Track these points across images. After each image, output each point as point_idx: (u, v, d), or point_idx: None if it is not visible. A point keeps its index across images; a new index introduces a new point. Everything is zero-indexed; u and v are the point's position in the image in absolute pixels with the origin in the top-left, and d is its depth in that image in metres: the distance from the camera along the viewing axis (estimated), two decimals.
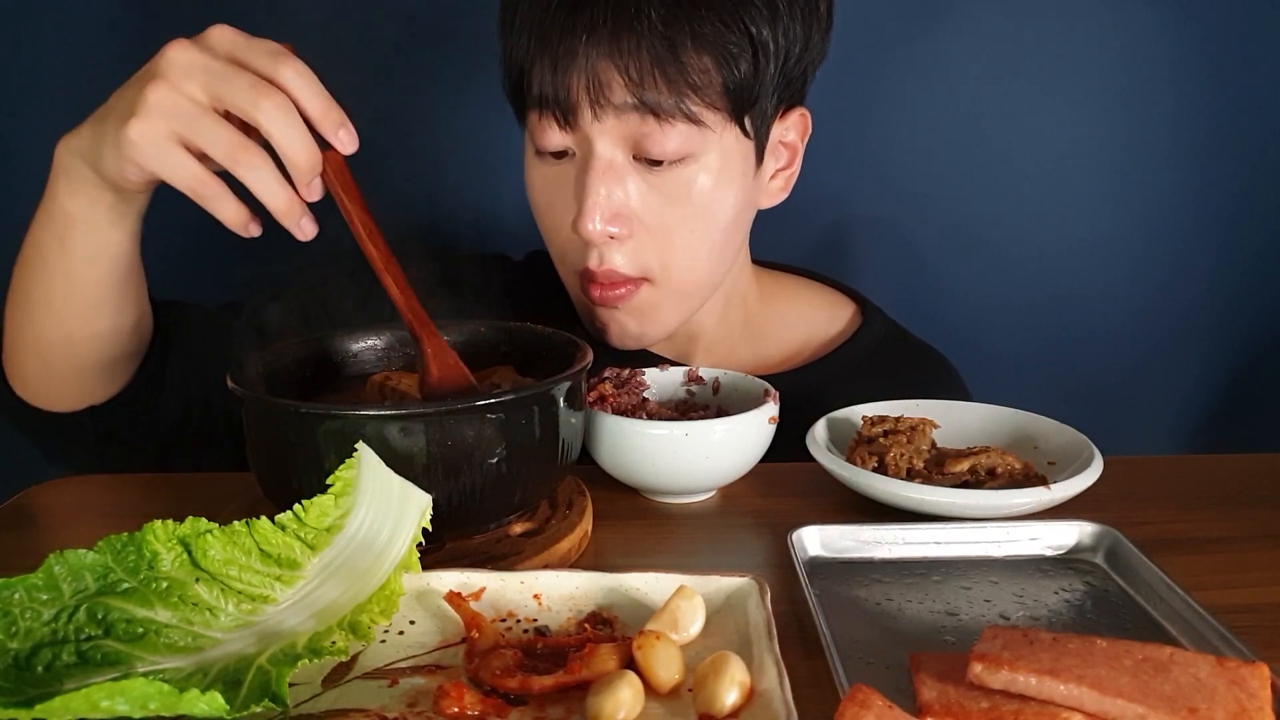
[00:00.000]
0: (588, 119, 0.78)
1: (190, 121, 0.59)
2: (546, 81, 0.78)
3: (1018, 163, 1.25)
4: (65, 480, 0.79)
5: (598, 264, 0.82)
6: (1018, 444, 0.74)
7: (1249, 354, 1.31)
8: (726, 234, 0.85)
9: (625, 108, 0.76)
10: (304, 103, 0.60)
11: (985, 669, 0.43)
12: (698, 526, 0.69)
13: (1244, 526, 0.67)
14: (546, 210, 0.86)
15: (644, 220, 0.81)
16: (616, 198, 0.79)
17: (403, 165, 1.25)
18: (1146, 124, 1.23)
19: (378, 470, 0.53)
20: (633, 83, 0.75)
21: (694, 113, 0.77)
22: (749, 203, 0.87)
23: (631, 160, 0.80)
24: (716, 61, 0.76)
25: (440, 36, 1.20)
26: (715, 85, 0.77)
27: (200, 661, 0.45)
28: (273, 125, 0.58)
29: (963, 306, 1.29)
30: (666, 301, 0.86)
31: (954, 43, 1.20)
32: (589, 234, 0.80)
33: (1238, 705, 0.41)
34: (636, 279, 0.84)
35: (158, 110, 0.59)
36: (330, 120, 0.61)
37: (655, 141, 0.77)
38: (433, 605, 0.53)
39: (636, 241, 0.82)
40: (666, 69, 0.75)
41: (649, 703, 0.45)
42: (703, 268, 0.85)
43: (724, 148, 0.81)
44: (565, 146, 0.81)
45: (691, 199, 0.81)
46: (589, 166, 0.79)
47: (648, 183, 0.80)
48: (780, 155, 0.89)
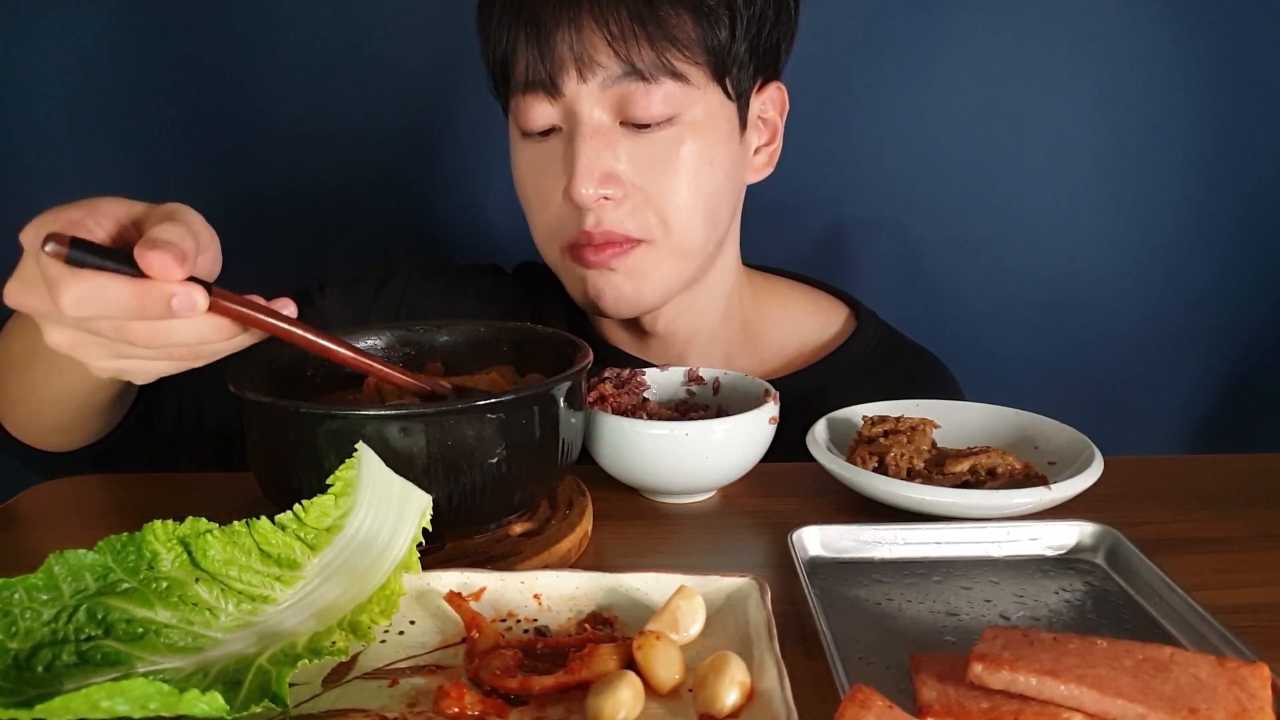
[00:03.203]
0: (573, 84, 0.79)
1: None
2: (532, 56, 0.80)
3: (1018, 163, 1.25)
4: (65, 480, 0.79)
5: (594, 224, 0.83)
6: (1018, 444, 0.74)
7: (1249, 354, 1.31)
8: (718, 195, 0.86)
9: (610, 70, 0.78)
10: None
11: (985, 669, 0.43)
12: (698, 526, 0.69)
13: (1244, 526, 0.67)
14: (535, 189, 0.87)
15: (635, 182, 0.82)
16: (606, 160, 0.81)
17: (402, 176, 1.26)
18: (1147, 124, 1.23)
19: (378, 470, 0.53)
20: (615, 40, 0.77)
21: (677, 68, 0.79)
22: (736, 169, 0.88)
23: (618, 125, 0.81)
24: (695, 18, 0.79)
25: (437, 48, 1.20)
26: (696, 41, 0.79)
27: (200, 661, 0.45)
28: (146, 363, 0.56)
29: (963, 306, 1.29)
30: (662, 262, 0.86)
31: (954, 43, 1.20)
32: (582, 198, 0.80)
33: (1238, 705, 0.41)
34: (634, 239, 0.84)
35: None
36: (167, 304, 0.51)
37: (640, 103, 0.79)
38: (433, 605, 0.53)
39: (631, 203, 0.83)
40: (646, 25, 0.77)
41: (649, 703, 0.45)
42: (697, 228, 0.86)
43: (708, 108, 0.82)
44: (552, 123, 0.82)
45: (681, 157, 0.82)
46: (577, 133, 0.80)
47: (636, 145, 0.82)
48: (761, 131, 0.91)
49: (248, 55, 1.20)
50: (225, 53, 1.20)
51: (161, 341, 0.53)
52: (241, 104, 1.22)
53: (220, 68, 1.20)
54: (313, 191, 1.25)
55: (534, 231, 0.90)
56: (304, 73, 1.21)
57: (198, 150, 1.23)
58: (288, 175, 1.25)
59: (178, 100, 1.20)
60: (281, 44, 1.20)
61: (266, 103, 1.22)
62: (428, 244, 1.28)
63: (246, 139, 1.24)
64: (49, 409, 0.75)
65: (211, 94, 1.21)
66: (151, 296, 0.50)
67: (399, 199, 1.27)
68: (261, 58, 1.20)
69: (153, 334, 0.52)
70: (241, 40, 1.19)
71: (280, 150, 1.24)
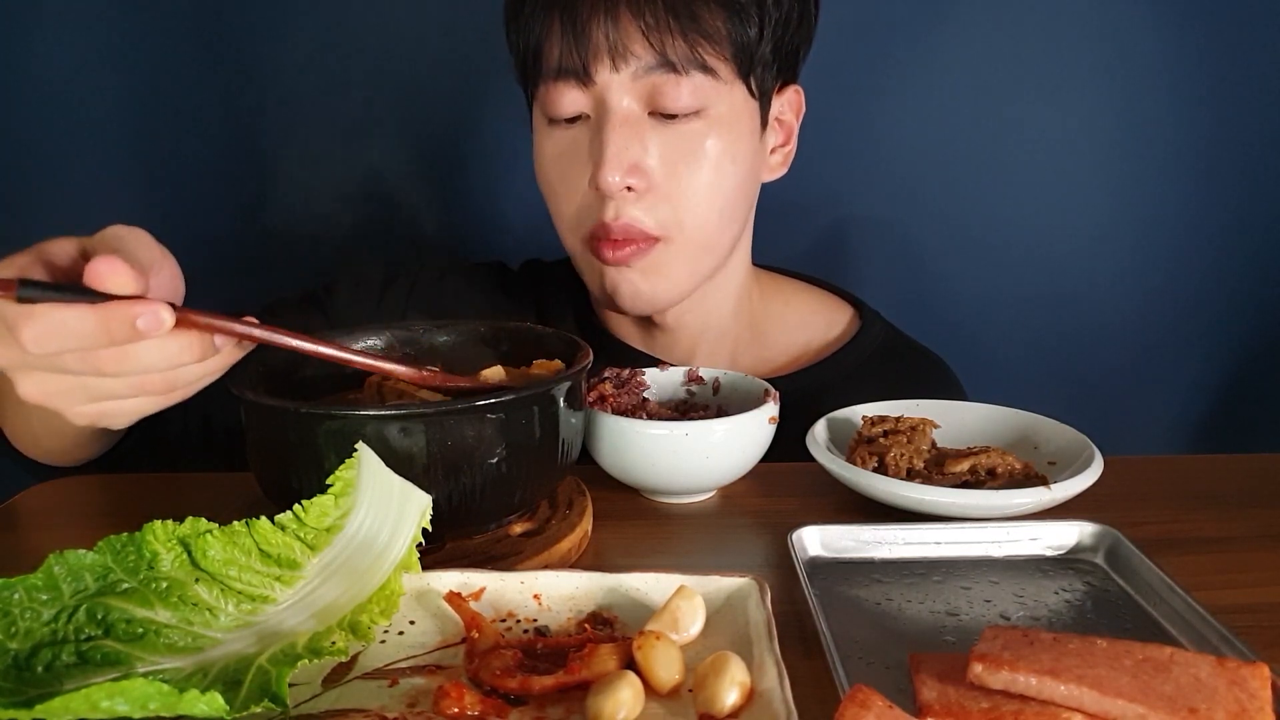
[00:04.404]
0: (605, 72, 0.80)
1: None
2: (567, 44, 0.81)
3: (1018, 163, 1.25)
4: (65, 480, 0.79)
5: (614, 217, 0.83)
6: (1018, 444, 0.74)
7: (1249, 354, 1.31)
8: (736, 193, 0.87)
9: (643, 61, 0.79)
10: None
11: (985, 669, 0.43)
12: (698, 526, 0.69)
13: (1244, 526, 0.67)
14: (559, 178, 0.87)
15: (659, 174, 0.83)
16: (634, 150, 0.81)
17: (420, 177, 1.26)
18: (1146, 124, 1.23)
19: (378, 470, 0.53)
20: (650, 31, 0.78)
21: (707, 62, 0.80)
22: (755, 167, 0.89)
23: (647, 115, 0.82)
24: (726, 15, 0.80)
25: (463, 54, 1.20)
26: (725, 38, 0.81)
27: (200, 661, 0.45)
28: (121, 403, 0.54)
29: (963, 306, 1.29)
30: (678, 259, 0.87)
31: (954, 43, 1.20)
32: (608, 185, 0.81)
33: (1238, 705, 0.41)
34: (652, 236, 0.85)
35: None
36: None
37: (669, 94, 0.80)
38: (433, 605, 0.53)
39: (653, 196, 0.83)
40: (680, 18, 0.78)
41: (649, 703, 0.45)
42: (714, 224, 0.86)
43: (733, 104, 0.83)
44: (580, 110, 0.83)
45: (704, 152, 0.83)
46: (606, 121, 0.81)
47: (662, 137, 0.82)
48: (778, 132, 0.92)
49: (264, 54, 1.20)
50: (241, 52, 1.20)
51: (131, 367, 0.51)
52: (255, 104, 1.22)
53: (237, 67, 1.20)
54: (327, 194, 1.25)
55: (556, 221, 0.91)
56: (317, 73, 1.21)
57: (207, 154, 1.23)
58: (300, 178, 1.25)
59: (188, 102, 1.20)
60: (296, 43, 1.20)
61: (281, 102, 1.22)
62: (445, 246, 1.28)
63: (261, 139, 1.24)
64: (45, 440, 0.76)
65: (222, 95, 1.21)
66: (116, 318, 0.48)
67: (417, 200, 1.27)
68: (277, 56, 1.20)
69: (121, 359, 0.50)
70: (258, 39, 1.19)
71: (290, 151, 1.24)
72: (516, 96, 0.93)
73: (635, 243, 0.84)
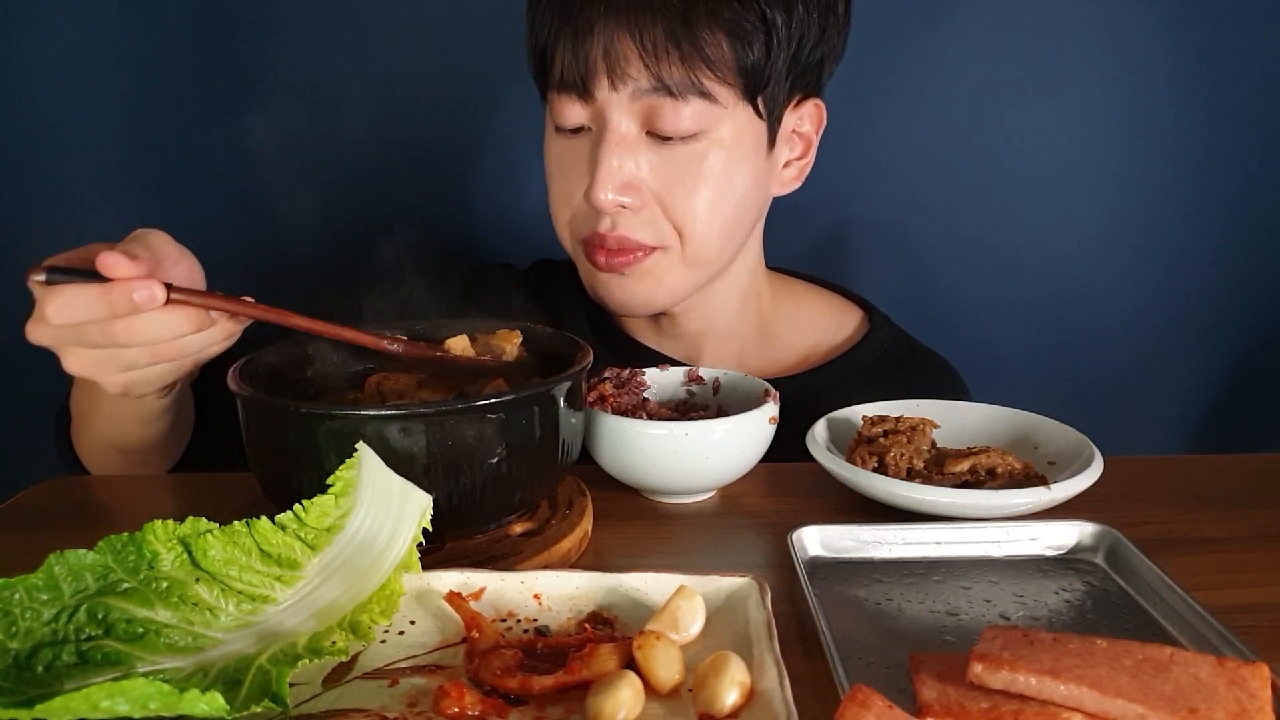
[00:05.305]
0: (604, 90, 0.80)
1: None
2: (567, 55, 0.80)
3: (1019, 163, 1.24)
4: (65, 480, 0.80)
5: (609, 229, 0.84)
6: (1018, 444, 0.74)
7: (1249, 354, 1.31)
8: (737, 211, 0.86)
9: (640, 83, 0.79)
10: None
11: (985, 669, 0.43)
12: (698, 526, 0.69)
13: (1244, 526, 0.67)
14: (560, 182, 0.88)
15: (655, 192, 0.83)
16: (629, 169, 0.81)
17: (437, 177, 1.25)
18: (1146, 124, 1.23)
19: (378, 470, 0.53)
20: (648, 54, 0.77)
21: (707, 88, 0.79)
22: (761, 184, 0.88)
23: (644, 135, 0.82)
24: (730, 39, 0.79)
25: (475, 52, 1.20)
26: (728, 62, 0.79)
27: (200, 661, 0.45)
28: (145, 371, 0.65)
29: (963, 306, 1.29)
30: (675, 269, 0.87)
31: (955, 44, 1.20)
32: (601, 203, 0.81)
33: (1238, 705, 0.41)
34: (648, 246, 0.85)
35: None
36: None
37: (668, 118, 0.80)
38: (433, 605, 0.53)
39: (649, 212, 0.84)
40: (681, 44, 0.77)
41: (649, 703, 0.45)
42: (714, 242, 0.86)
43: (736, 125, 0.83)
44: (582, 122, 0.83)
45: (702, 173, 0.82)
46: (603, 138, 0.81)
47: (660, 156, 0.82)
48: (795, 145, 0.91)
49: (278, 54, 1.20)
50: (252, 52, 1.19)
51: (140, 337, 0.61)
52: (268, 103, 1.21)
53: (240, 68, 1.20)
54: (333, 196, 1.25)
55: (555, 221, 0.91)
56: (325, 73, 1.20)
57: (217, 154, 1.23)
58: (304, 178, 1.24)
59: (195, 104, 1.20)
60: (303, 41, 1.19)
61: (292, 101, 1.22)
62: (462, 246, 1.28)
63: (273, 140, 1.23)
64: (117, 458, 0.83)
65: (225, 96, 1.20)
66: (115, 293, 0.60)
67: (434, 200, 1.27)
68: (280, 55, 1.20)
69: (130, 330, 0.61)
70: (270, 38, 1.19)
71: (297, 153, 1.24)
72: (527, 97, 0.92)
73: (630, 252, 0.85)
